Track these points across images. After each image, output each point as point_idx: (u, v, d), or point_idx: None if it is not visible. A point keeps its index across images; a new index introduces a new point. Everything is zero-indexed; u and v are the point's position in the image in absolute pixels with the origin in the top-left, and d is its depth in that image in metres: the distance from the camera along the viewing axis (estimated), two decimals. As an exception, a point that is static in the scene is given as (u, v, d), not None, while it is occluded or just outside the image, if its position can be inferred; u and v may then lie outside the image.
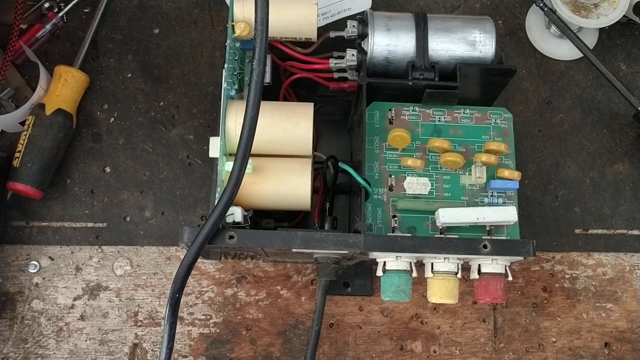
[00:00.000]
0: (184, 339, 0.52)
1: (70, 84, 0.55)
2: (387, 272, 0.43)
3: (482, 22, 0.49)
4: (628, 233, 0.56)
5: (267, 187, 0.46)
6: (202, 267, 0.54)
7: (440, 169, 0.47)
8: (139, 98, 0.58)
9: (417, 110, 0.49)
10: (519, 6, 0.62)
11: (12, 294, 0.53)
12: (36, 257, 0.54)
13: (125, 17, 0.60)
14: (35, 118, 0.53)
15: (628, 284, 0.55)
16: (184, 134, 0.57)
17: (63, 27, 0.59)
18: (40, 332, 0.52)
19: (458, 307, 0.54)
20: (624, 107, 0.59)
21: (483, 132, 0.48)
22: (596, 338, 0.54)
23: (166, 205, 0.55)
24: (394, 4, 0.62)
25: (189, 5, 0.61)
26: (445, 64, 0.48)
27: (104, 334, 0.52)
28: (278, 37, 0.49)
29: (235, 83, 0.48)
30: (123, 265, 0.54)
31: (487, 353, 0.53)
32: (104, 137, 0.57)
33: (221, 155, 0.44)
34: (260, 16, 0.38)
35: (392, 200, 0.46)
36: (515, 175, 0.46)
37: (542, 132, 0.58)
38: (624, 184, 0.57)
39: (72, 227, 0.55)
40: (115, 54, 0.59)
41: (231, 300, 0.53)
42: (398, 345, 0.53)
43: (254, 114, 0.39)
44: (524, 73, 0.60)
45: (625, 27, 0.61)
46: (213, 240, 0.41)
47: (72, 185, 0.55)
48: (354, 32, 0.49)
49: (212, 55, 0.59)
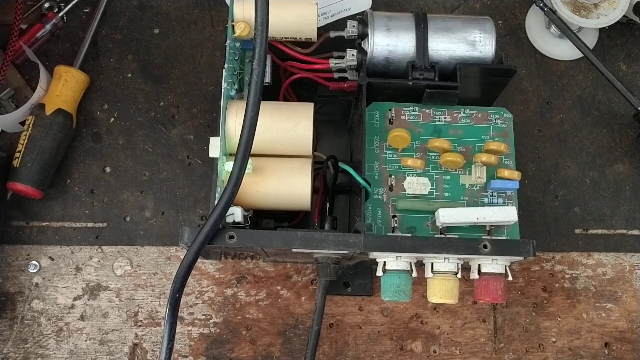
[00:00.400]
0: (184, 339, 0.52)
1: (70, 84, 0.55)
2: (387, 272, 0.43)
3: (482, 22, 0.49)
4: (628, 233, 0.56)
5: (267, 187, 0.46)
6: (202, 267, 0.54)
7: (440, 169, 0.47)
8: (139, 98, 0.58)
9: (417, 110, 0.49)
10: (519, 6, 0.62)
11: (12, 294, 0.53)
12: (36, 257, 0.54)
13: (125, 17, 0.60)
14: (35, 118, 0.53)
15: (628, 284, 0.55)
16: (184, 134, 0.57)
17: (63, 27, 0.59)
18: (40, 332, 0.52)
19: (458, 307, 0.54)
20: (624, 107, 0.59)
21: (483, 132, 0.48)
22: (596, 338, 0.54)
23: (166, 205, 0.55)
24: (394, 4, 0.62)
25: (189, 5, 0.61)
26: (445, 64, 0.48)
27: (104, 334, 0.52)
28: (278, 37, 0.49)
29: (235, 83, 0.48)
30: (123, 265, 0.54)
31: (487, 353, 0.53)
32: (104, 137, 0.57)
33: (221, 155, 0.44)
34: (260, 16, 0.38)
35: (392, 200, 0.46)
36: (515, 175, 0.46)
37: (542, 132, 0.58)
38: (624, 184, 0.57)
39: (72, 227, 0.55)
40: (115, 54, 0.59)
41: (231, 300, 0.53)
42: (398, 345, 0.53)
43: (254, 114, 0.39)
44: (524, 73, 0.60)
45: (625, 27, 0.61)
46: (213, 240, 0.41)
47: (72, 185, 0.55)
48: (354, 32, 0.49)
49: (212, 55, 0.59)
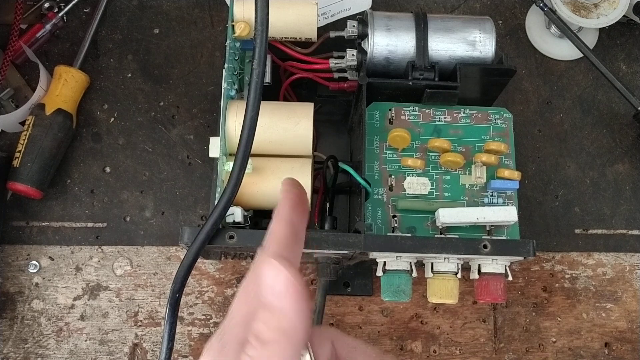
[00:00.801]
0: (184, 339, 0.52)
1: (70, 84, 0.55)
2: (387, 272, 0.43)
3: (482, 22, 0.49)
4: (628, 233, 0.56)
5: (267, 187, 0.45)
6: (202, 267, 0.54)
7: (440, 169, 0.47)
8: (139, 98, 0.58)
9: (417, 110, 0.49)
10: (519, 6, 0.62)
11: (12, 294, 0.53)
12: (36, 257, 0.54)
13: (125, 17, 0.60)
14: (35, 118, 0.53)
15: (628, 284, 0.55)
16: (184, 134, 0.57)
17: (63, 27, 0.59)
18: (40, 332, 0.52)
19: (458, 307, 0.54)
20: (624, 107, 0.59)
21: (483, 132, 0.48)
22: (596, 338, 0.54)
23: (166, 205, 0.55)
24: (394, 4, 0.62)
25: (189, 5, 0.61)
26: (445, 64, 0.48)
27: (104, 334, 0.52)
28: (278, 37, 0.49)
29: (235, 83, 0.48)
30: (123, 265, 0.54)
31: (487, 353, 0.53)
32: (104, 137, 0.57)
33: (221, 155, 0.44)
34: (260, 16, 0.38)
35: (392, 200, 0.46)
36: (515, 175, 0.46)
37: (542, 132, 0.58)
38: (624, 184, 0.57)
39: (72, 227, 0.55)
40: (115, 54, 0.59)
41: (231, 300, 0.53)
42: (398, 345, 0.53)
43: (254, 114, 0.39)
44: (524, 73, 0.60)
45: (625, 27, 0.61)
46: (213, 240, 0.41)
47: (72, 185, 0.55)
48: (354, 32, 0.49)
49: (212, 55, 0.59)
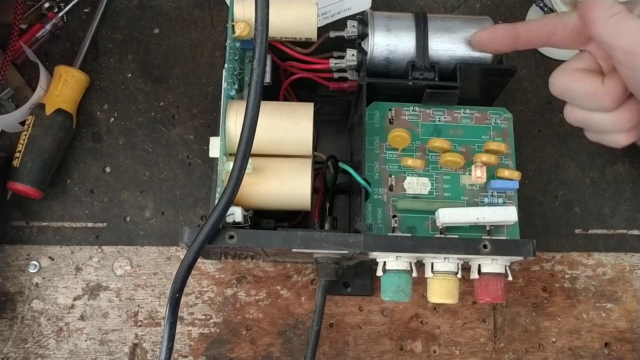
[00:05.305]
0: (184, 339, 0.52)
1: (70, 84, 0.55)
2: (387, 272, 0.43)
3: (482, 22, 0.49)
4: (628, 233, 0.56)
5: (267, 187, 0.46)
6: (202, 267, 0.54)
7: (440, 169, 0.47)
8: (139, 98, 0.58)
9: (417, 110, 0.49)
10: (519, 6, 0.62)
11: (12, 294, 0.53)
12: (36, 257, 0.54)
13: (125, 17, 0.60)
14: (35, 118, 0.53)
15: (628, 284, 0.55)
16: (184, 134, 0.57)
17: (63, 27, 0.59)
18: (40, 332, 0.52)
19: (458, 307, 0.54)
20: (624, 107, 0.59)
21: (483, 132, 0.48)
22: (596, 338, 0.54)
23: (166, 205, 0.55)
24: (394, 4, 0.62)
25: (189, 5, 0.61)
26: (446, 64, 0.48)
27: (104, 334, 0.52)
28: (278, 37, 0.49)
29: (235, 83, 0.48)
30: (123, 265, 0.54)
31: (487, 353, 0.53)
32: (104, 137, 0.57)
33: (221, 155, 0.44)
34: (260, 16, 0.38)
35: (392, 200, 0.46)
36: (515, 175, 0.46)
37: (542, 132, 0.58)
38: (624, 184, 0.57)
39: (72, 227, 0.55)
40: (115, 54, 0.59)
41: (231, 300, 0.53)
42: (398, 345, 0.53)
43: (254, 114, 0.39)
44: (524, 73, 0.60)
45: (625, 27, 0.61)
46: (213, 240, 0.41)
47: (72, 185, 0.55)
48: (354, 32, 0.49)
49: (212, 55, 0.59)
